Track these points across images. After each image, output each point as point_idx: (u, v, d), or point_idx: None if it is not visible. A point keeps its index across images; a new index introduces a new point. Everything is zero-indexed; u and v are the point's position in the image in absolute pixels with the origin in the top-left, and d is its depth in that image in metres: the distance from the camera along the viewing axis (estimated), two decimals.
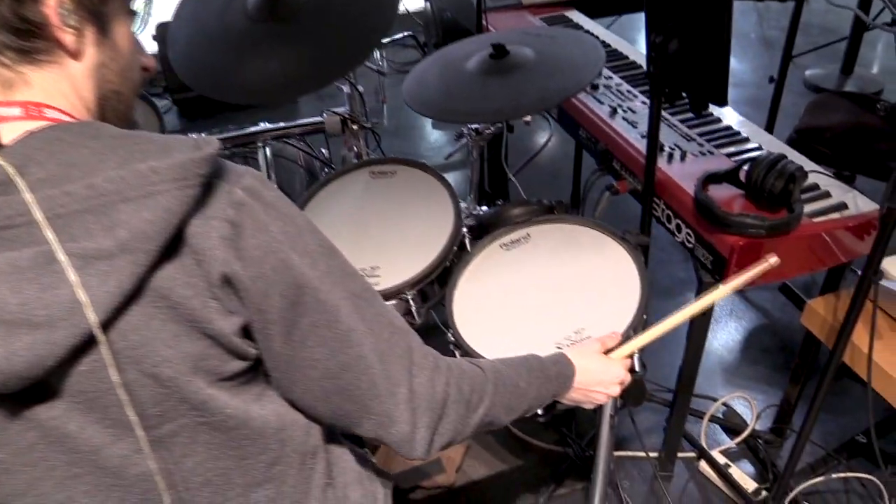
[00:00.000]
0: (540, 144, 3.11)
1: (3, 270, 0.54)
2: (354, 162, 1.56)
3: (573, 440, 1.77)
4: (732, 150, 1.53)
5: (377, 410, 0.74)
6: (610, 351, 1.06)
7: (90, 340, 0.57)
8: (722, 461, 1.72)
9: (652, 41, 1.26)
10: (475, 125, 1.57)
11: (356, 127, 1.80)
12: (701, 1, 1.14)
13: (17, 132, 0.59)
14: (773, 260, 1.09)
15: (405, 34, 4.03)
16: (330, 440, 0.81)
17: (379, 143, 2.03)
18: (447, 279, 1.34)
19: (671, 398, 1.70)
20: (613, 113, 1.67)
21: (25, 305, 0.54)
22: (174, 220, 0.58)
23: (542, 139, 3.14)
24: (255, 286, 0.62)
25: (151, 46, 3.61)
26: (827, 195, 1.39)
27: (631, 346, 1.07)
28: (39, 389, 0.59)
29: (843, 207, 1.35)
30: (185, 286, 0.59)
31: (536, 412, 1.18)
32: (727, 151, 1.53)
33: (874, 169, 1.87)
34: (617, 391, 1.03)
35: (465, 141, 1.64)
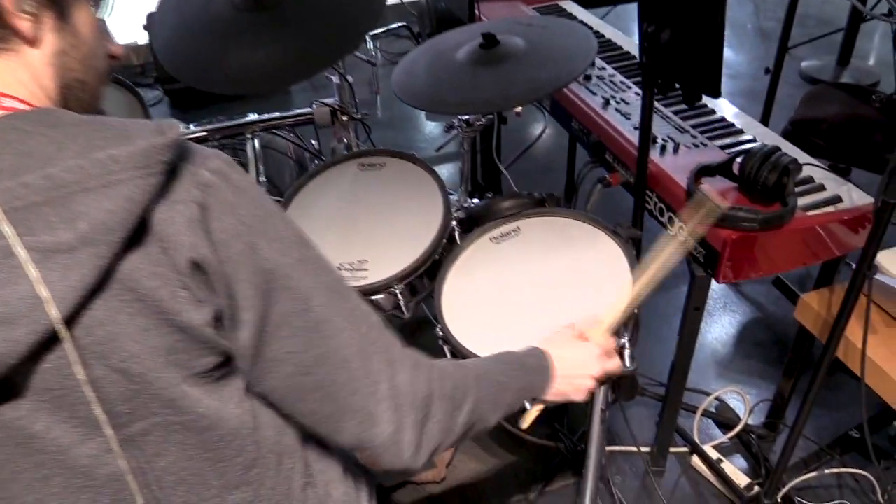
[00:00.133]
0: (535, 136, 3.08)
1: None
2: (343, 154, 1.54)
3: (565, 435, 1.76)
4: (726, 142, 1.51)
5: (357, 408, 0.71)
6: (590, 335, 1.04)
7: (54, 337, 0.55)
8: (714, 456, 1.71)
9: (644, 31, 1.24)
10: (465, 116, 1.55)
11: (346, 118, 1.77)
12: None
13: None
14: (719, 200, 1.08)
15: (399, 24, 3.99)
16: (308, 438, 0.79)
17: (369, 134, 2.00)
18: (437, 273, 1.32)
19: (664, 392, 1.69)
20: (606, 104, 1.65)
21: None
22: (137, 209, 0.55)
23: (537, 131, 3.11)
24: (223, 270, 0.60)
25: (142, 37, 3.60)
26: (821, 188, 1.37)
27: (604, 324, 1.05)
28: (3, 388, 0.57)
29: (837, 200, 1.33)
30: (151, 277, 0.57)
31: (527, 407, 1.16)
32: (721, 143, 1.51)
33: (870, 161, 1.86)
34: (600, 371, 0.99)
35: (455, 132, 1.62)
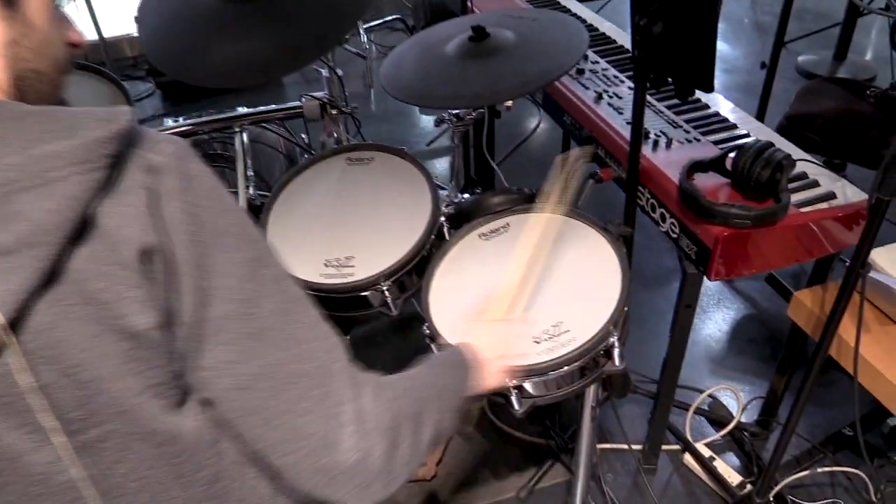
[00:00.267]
0: (529, 130, 3.06)
1: None
2: (331, 148, 1.51)
3: (556, 433, 1.74)
4: (720, 137, 1.49)
5: (310, 432, 0.63)
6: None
7: None
8: (707, 454, 1.70)
9: (636, 24, 1.21)
10: (455, 110, 1.52)
11: (335, 112, 1.75)
12: None
13: None
14: (577, 151, 1.11)
15: (394, 17, 3.97)
16: None
17: (359, 128, 1.97)
18: (425, 269, 1.30)
19: (656, 390, 1.68)
20: (599, 98, 1.63)
21: None
22: (79, 206, 0.53)
23: (532, 125, 3.09)
24: (172, 259, 0.57)
25: (135, 28, 3.55)
26: (815, 184, 1.35)
27: (502, 300, 1.03)
28: None
29: (831, 197, 1.32)
30: (99, 277, 0.54)
31: (513, 406, 1.15)
32: (714, 139, 1.49)
33: (865, 157, 1.84)
34: (516, 344, 0.99)
35: (446, 127, 1.59)
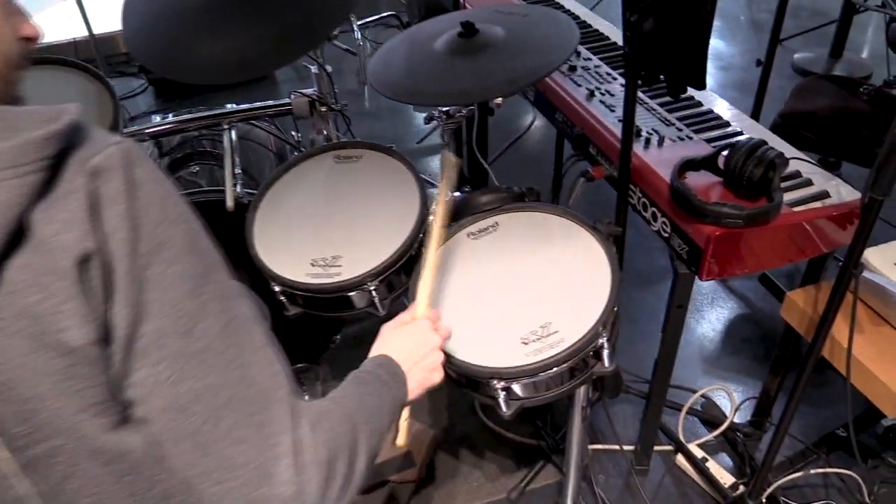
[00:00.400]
0: (524, 127, 3.04)
1: None
2: (319, 146, 1.49)
3: (547, 433, 1.72)
4: (713, 135, 1.47)
5: (244, 461, 0.59)
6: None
7: None
8: (699, 455, 1.68)
9: (627, 20, 1.19)
10: (446, 108, 1.50)
11: (324, 109, 1.73)
12: None
13: None
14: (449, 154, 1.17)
15: (388, 13, 3.94)
16: None
17: (349, 125, 1.95)
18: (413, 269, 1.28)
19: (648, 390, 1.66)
20: (591, 96, 1.61)
21: None
22: (11, 213, 0.50)
23: (527, 123, 3.07)
24: (106, 269, 0.54)
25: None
26: (809, 183, 1.34)
27: (419, 299, 1.08)
28: None
29: (825, 196, 1.30)
30: (33, 289, 0.52)
31: (501, 408, 1.13)
32: (707, 137, 1.47)
33: (859, 155, 1.83)
34: (440, 340, 1.01)
35: (435, 124, 1.57)
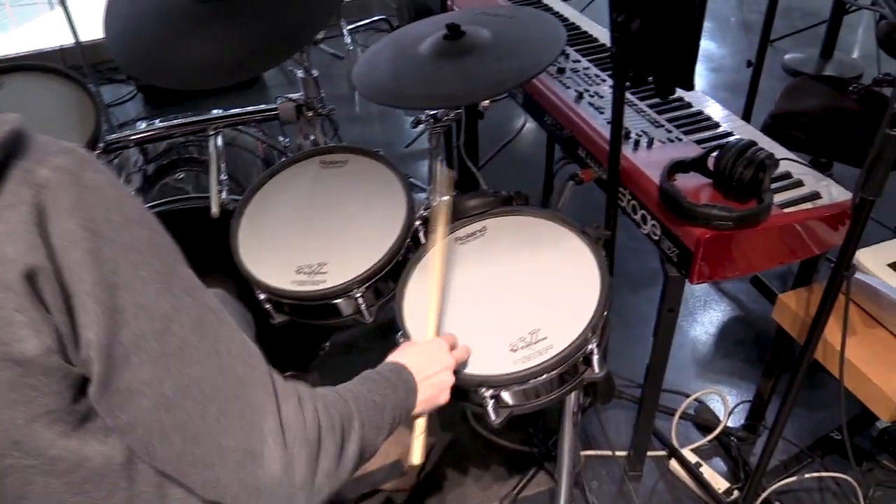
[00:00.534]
0: (516, 130, 3.03)
1: None
2: (304, 151, 1.47)
3: (539, 440, 1.70)
4: (702, 136, 1.46)
5: (233, 447, 0.63)
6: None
7: None
8: (693, 460, 1.66)
9: (614, 20, 1.18)
10: (433, 111, 1.49)
11: (311, 114, 1.71)
12: None
13: None
14: (444, 168, 1.17)
15: (379, 17, 3.93)
16: None
17: (336, 130, 1.93)
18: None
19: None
20: (579, 98, 1.59)
21: None
22: None
23: (518, 126, 3.05)
24: (60, 280, 0.53)
25: None
26: (799, 184, 1.32)
27: (429, 320, 1.11)
28: None
29: (816, 197, 1.28)
30: None
31: (490, 416, 1.11)
32: (697, 138, 1.45)
33: (851, 155, 1.81)
34: (452, 361, 1.01)
35: (423, 128, 1.55)
